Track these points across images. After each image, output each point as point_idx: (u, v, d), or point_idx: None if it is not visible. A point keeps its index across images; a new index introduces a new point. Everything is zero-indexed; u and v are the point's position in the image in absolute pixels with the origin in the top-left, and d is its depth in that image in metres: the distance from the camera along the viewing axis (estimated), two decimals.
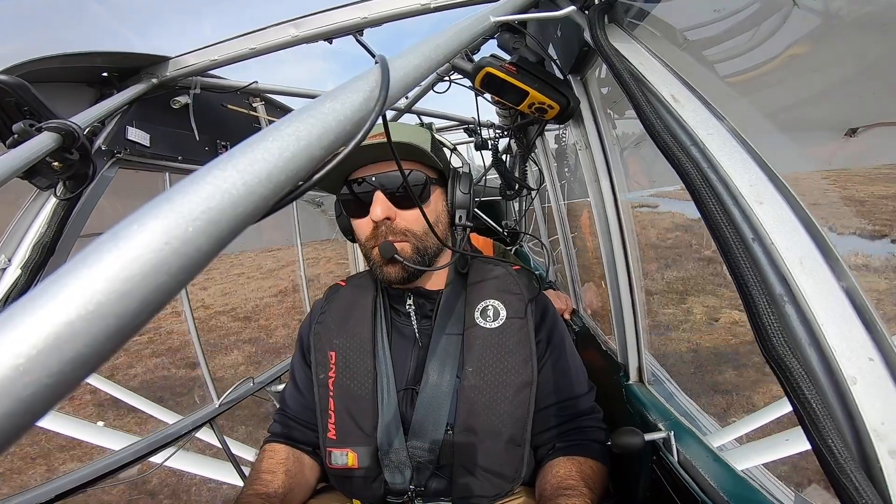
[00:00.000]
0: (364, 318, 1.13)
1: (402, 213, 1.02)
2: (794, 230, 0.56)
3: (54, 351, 0.18)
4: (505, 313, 1.07)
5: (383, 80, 0.41)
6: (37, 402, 0.18)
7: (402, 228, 1.02)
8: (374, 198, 1.01)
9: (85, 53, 1.33)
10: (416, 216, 1.03)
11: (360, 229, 1.06)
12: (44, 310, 0.18)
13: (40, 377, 0.18)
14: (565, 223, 2.38)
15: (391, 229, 1.02)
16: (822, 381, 0.49)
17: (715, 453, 0.89)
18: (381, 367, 1.07)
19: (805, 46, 0.73)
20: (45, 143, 1.09)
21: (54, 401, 0.18)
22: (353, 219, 1.08)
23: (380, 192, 1.01)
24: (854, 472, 0.43)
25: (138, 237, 0.21)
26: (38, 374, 0.18)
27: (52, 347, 0.18)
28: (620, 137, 1.33)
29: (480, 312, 1.08)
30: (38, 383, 0.18)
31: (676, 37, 0.88)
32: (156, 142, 1.64)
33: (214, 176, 0.26)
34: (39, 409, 0.18)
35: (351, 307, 1.17)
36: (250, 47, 1.40)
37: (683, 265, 9.04)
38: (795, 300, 0.53)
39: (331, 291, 1.26)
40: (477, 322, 1.07)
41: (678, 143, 0.66)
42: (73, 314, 0.19)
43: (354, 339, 1.11)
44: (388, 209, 1.01)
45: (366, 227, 1.04)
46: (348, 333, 1.12)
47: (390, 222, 1.02)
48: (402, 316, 1.14)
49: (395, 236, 1.02)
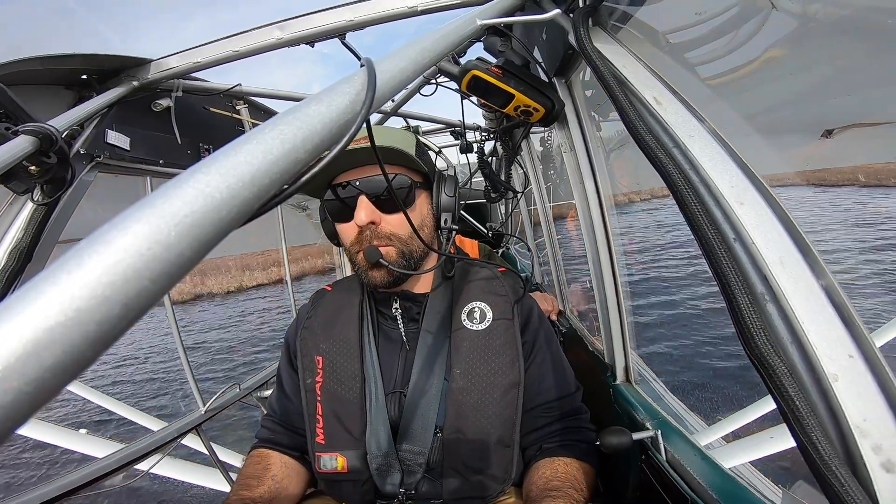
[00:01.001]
0: (350, 322, 1.13)
1: (387, 217, 1.02)
2: (774, 230, 0.57)
3: (33, 357, 0.18)
4: (491, 315, 1.07)
5: (369, 83, 0.41)
6: (16, 410, 0.17)
7: (386, 233, 1.02)
8: (358, 202, 1.00)
9: (63, 55, 1.31)
10: (401, 220, 1.03)
11: (345, 234, 1.06)
12: (22, 316, 0.18)
13: (19, 384, 0.17)
14: (551, 225, 2.39)
15: (376, 234, 1.01)
16: (805, 378, 0.50)
17: (702, 452, 0.90)
18: (368, 371, 1.07)
19: (783, 49, 0.75)
20: (22, 146, 1.06)
21: (34, 408, 0.18)
22: (338, 223, 1.07)
23: (364, 196, 1.00)
24: (839, 468, 0.44)
25: (119, 242, 0.21)
26: (17, 382, 0.17)
27: (31, 354, 0.18)
28: (605, 140, 1.34)
29: (467, 314, 1.08)
30: (17, 390, 0.17)
31: (659, 39, 0.89)
32: (136, 145, 1.61)
33: (197, 180, 0.25)
34: (19, 417, 0.18)
35: (337, 312, 1.16)
36: (234, 49, 1.38)
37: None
38: (776, 299, 0.54)
39: (317, 297, 1.25)
40: (464, 324, 1.07)
41: (660, 144, 0.67)
42: (53, 320, 0.18)
43: (341, 343, 1.11)
44: (372, 213, 1.00)
45: (350, 231, 1.03)
46: (335, 338, 1.12)
47: (375, 227, 1.01)
48: (388, 319, 1.13)
49: (380, 240, 1.01)
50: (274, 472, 1.10)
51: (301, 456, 1.16)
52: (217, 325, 13.50)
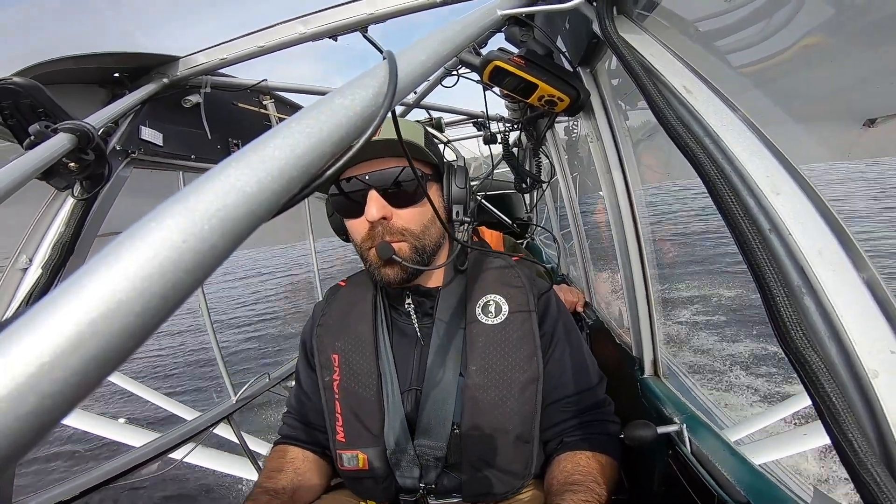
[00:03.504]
0: (364, 318, 1.12)
1: (399, 211, 0.99)
2: (813, 221, 0.55)
3: (77, 349, 0.18)
4: (507, 308, 1.05)
5: (391, 76, 0.41)
6: (61, 400, 0.18)
7: (399, 228, 0.99)
8: (369, 197, 0.96)
9: (96, 54, 1.35)
10: (413, 214, 1.00)
11: (355, 230, 1.03)
12: (66, 309, 0.19)
13: (64, 375, 0.18)
14: (577, 215, 2.36)
15: (388, 229, 0.98)
16: (843, 374, 0.49)
17: (732, 447, 0.88)
18: (384, 368, 1.07)
19: (820, 35, 0.72)
20: (61, 143, 1.11)
21: (77, 399, 0.19)
22: (347, 219, 1.04)
23: (374, 191, 0.97)
24: (875, 466, 0.43)
25: (156, 236, 0.22)
26: (62, 373, 0.18)
27: (76, 346, 0.18)
28: (632, 129, 1.31)
29: (482, 308, 1.06)
30: (63, 381, 0.18)
31: (687, 27, 0.87)
32: (169, 141, 1.66)
33: (228, 174, 0.26)
34: (64, 407, 0.18)
35: (350, 308, 1.15)
36: (259, 45, 1.40)
37: None
38: (814, 292, 0.52)
39: (330, 293, 1.25)
40: (478, 318, 1.05)
41: (691, 133, 0.65)
42: (95, 313, 0.19)
43: (356, 340, 1.10)
44: (383, 208, 0.97)
45: (361, 227, 1.00)
46: (349, 335, 1.11)
47: (386, 222, 0.98)
48: (402, 315, 1.12)
49: (392, 236, 0.98)
50: (297, 465, 1.13)
51: (322, 451, 1.18)
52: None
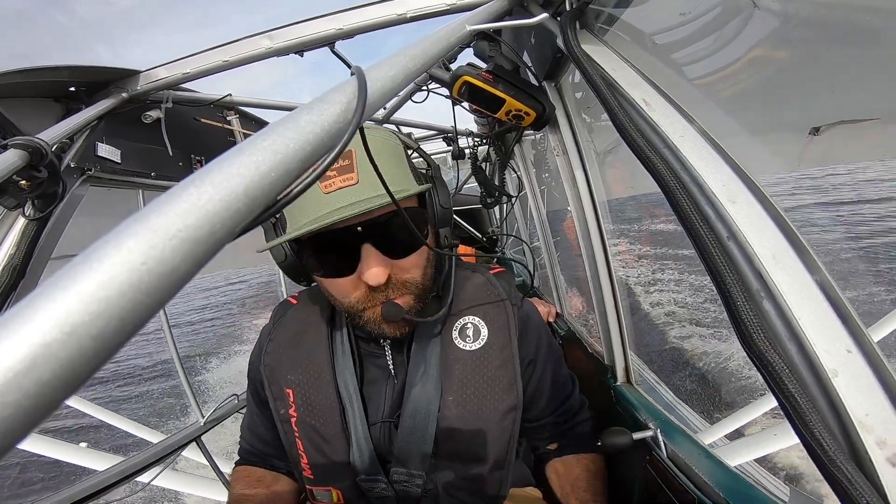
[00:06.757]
0: (319, 345, 0.99)
1: (399, 263, 0.84)
2: (767, 227, 0.58)
3: (31, 373, 0.18)
4: (486, 332, 0.97)
5: (360, 91, 0.41)
6: (15, 425, 0.17)
7: (402, 281, 0.85)
8: (364, 254, 0.80)
9: (49, 68, 1.30)
10: (413, 262, 0.86)
11: (340, 289, 0.86)
12: (19, 333, 0.18)
13: (17, 399, 0.17)
14: (546, 228, 2.40)
15: (391, 287, 0.84)
16: (805, 374, 0.50)
17: (707, 450, 0.90)
18: (346, 402, 0.96)
19: (766, 47, 0.76)
20: (11, 160, 1.05)
21: (33, 423, 0.18)
22: (325, 278, 0.87)
23: (369, 244, 0.80)
24: (845, 463, 0.44)
25: (114, 257, 0.21)
26: (15, 397, 0.17)
27: (29, 369, 0.18)
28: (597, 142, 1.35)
29: (459, 332, 0.98)
30: (16, 405, 0.17)
31: (645, 41, 0.90)
32: (127, 158, 1.60)
33: (190, 193, 0.25)
34: (18, 432, 0.18)
35: (302, 333, 1.02)
36: (224, 59, 1.38)
37: None
38: (772, 295, 0.54)
39: (279, 312, 1.07)
40: (455, 343, 0.97)
41: (651, 145, 0.68)
42: (49, 336, 0.18)
43: (311, 372, 0.97)
44: (386, 268, 0.81)
45: (349, 287, 0.85)
46: (303, 367, 0.98)
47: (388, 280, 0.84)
48: (370, 343, 1.00)
49: (396, 292, 0.85)
50: (267, 481, 1.09)
51: (287, 470, 1.12)
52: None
